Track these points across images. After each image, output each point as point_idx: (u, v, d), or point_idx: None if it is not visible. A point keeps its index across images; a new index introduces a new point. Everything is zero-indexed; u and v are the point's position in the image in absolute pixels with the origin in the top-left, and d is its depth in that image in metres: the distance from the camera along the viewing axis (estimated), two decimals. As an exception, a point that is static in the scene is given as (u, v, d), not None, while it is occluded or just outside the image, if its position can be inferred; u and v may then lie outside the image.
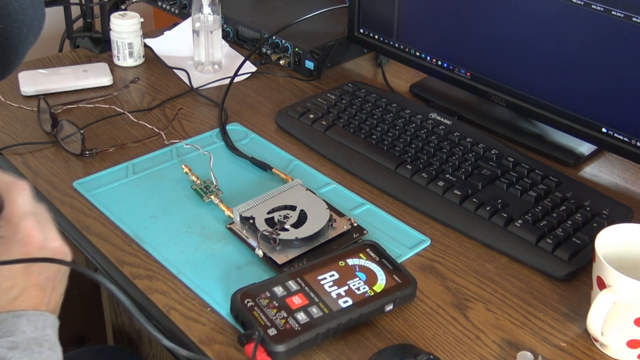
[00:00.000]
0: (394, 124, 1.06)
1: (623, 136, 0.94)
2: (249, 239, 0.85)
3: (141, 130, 1.08)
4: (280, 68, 1.29)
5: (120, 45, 1.25)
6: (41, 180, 0.97)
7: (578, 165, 1.05)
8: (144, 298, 0.79)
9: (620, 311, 0.71)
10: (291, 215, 0.87)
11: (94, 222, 0.89)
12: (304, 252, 0.83)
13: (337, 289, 0.76)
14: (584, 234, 0.86)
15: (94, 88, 1.19)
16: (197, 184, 0.95)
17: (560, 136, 1.06)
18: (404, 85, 1.25)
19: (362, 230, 0.88)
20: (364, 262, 0.79)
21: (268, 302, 0.73)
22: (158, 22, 1.87)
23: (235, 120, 1.12)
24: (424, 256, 0.86)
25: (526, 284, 0.83)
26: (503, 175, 0.96)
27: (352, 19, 1.23)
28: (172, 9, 1.46)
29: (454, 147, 1.01)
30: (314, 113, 1.09)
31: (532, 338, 0.76)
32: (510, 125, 1.11)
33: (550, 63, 0.99)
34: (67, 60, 1.28)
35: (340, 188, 0.97)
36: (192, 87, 1.21)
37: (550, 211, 0.90)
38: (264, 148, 1.05)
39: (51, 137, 1.04)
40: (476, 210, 0.90)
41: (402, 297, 0.77)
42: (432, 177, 0.95)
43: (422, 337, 0.75)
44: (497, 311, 0.79)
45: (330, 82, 1.25)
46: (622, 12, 0.89)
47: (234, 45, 1.36)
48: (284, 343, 0.69)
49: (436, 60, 1.14)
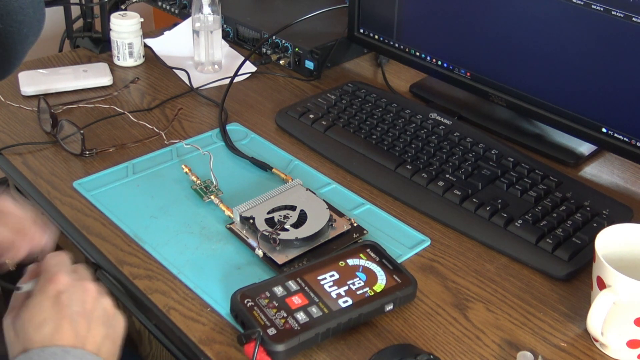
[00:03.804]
0: (394, 124, 1.06)
1: (623, 136, 0.94)
2: (249, 239, 0.85)
3: (141, 130, 1.08)
4: (280, 68, 1.29)
5: (120, 45, 1.25)
6: (41, 180, 0.97)
7: (578, 165, 1.04)
8: (144, 298, 0.79)
9: (620, 311, 0.71)
10: (291, 215, 0.87)
11: (94, 222, 0.89)
12: (304, 252, 0.83)
13: (337, 289, 0.76)
14: (584, 234, 0.86)
15: (94, 88, 1.19)
16: (197, 184, 0.95)
17: (560, 136, 1.06)
18: (404, 85, 1.25)
19: (362, 230, 0.88)
20: (364, 262, 0.79)
21: (268, 302, 0.73)
22: (158, 22, 1.87)
23: (235, 120, 1.12)
24: (424, 256, 0.86)
25: (526, 284, 0.83)
26: (503, 175, 0.96)
27: (352, 19, 1.23)
28: (172, 9, 1.46)
29: (454, 147, 1.01)
30: (314, 113, 1.09)
31: (532, 338, 0.76)
32: (510, 125, 1.11)
33: (550, 63, 0.99)
34: (67, 60, 1.28)
35: (340, 188, 0.97)
36: (192, 87, 1.21)
37: (550, 211, 0.90)
38: (264, 148, 1.05)
39: (51, 137, 1.04)
40: (476, 210, 0.90)
41: (402, 297, 0.77)
42: (432, 177, 0.95)
43: (422, 337, 0.75)
44: (497, 311, 0.79)
45: (330, 82, 1.25)
46: (622, 12, 0.89)
47: (234, 45, 1.36)
48: (284, 343, 0.69)
49: (436, 60, 1.14)
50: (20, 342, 0.65)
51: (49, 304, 0.66)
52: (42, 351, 0.64)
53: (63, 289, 0.68)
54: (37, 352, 0.63)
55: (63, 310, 0.66)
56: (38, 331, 0.65)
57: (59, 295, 0.67)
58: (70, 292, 0.68)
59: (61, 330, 0.65)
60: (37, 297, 0.67)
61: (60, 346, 0.64)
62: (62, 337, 0.65)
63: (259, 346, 0.69)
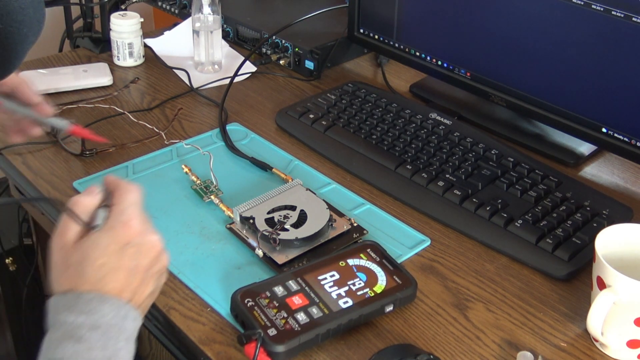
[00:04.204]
0: (394, 124, 1.06)
1: (623, 136, 0.94)
2: (249, 239, 0.85)
3: (141, 130, 1.08)
4: (280, 68, 1.29)
5: (120, 45, 1.25)
6: (41, 180, 0.97)
7: (578, 165, 1.04)
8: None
9: (620, 311, 0.71)
10: (291, 215, 0.87)
11: (94, 222, 0.89)
12: (304, 252, 0.83)
13: (338, 289, 0.76)
14: (584, 234, 0.86)
15: (94, 88, 1.19)
16: (197, 184, 0.95)
17: (560, 136, 1.06)
18: (404, 85, 1.25)
19: (362, 230, 0.88)
20: (364, 263, 0.79)
21: (268, 302, 0.73)
22: (158, 22, 1.87)
23: (235, 120, 1.12)
24: (424, 256, 0.86)
25: (526, 284, 0.83)
26: (503, 175, 0.96)
27: (352, 19, 1.23)
28: (172, 9, 1.46)
29: (454, 147, 1.01)
30: (314, 113, 1.09)
31: (532, 338, 0.76)
32: (510, 125, 1.11)
33: (550, 63, 0.99)
34: (67, 60, 1.28)
35: (340, 188, 0.97)
36: (192, 87, 1.21)
37: (550, 211, 0.90)
38: (264, 148, 1.05)
39: (51, 137, 1.04)
40: (476, 210, 0.90)
41: (402, 298, 0.77)
42: (432, 177, 0.95)
43: (422, 337, 0.75)
44: (497, 311, 0.79)
45: (330, 82, 1.25)
46: (622, 12, 0.89)
47: (234, 45, 1.36)
48: (284, 343, 0.69)
49: (436, 60, 1.14)
50: (70, 275, 0.65)
51: (114, 249, 0.66)
52: (79, 297, 0.64)
53: (133, 239, 0.67)
54: (73, 296, 0.64)
55: (125, 261, 0.66)
56: (94, 272, 0.65)
57: (127, 244, 0.66)
58: (139, 244, 0.67)
59: (115, 278, 0.65)
60: (105, 238, 0.66)
61: (103, 293, 0.64)
62: (113, 285, 0.65)
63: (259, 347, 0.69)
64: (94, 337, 0.62)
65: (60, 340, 0.62)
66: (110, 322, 0.63)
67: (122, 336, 0.64)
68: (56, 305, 0.64)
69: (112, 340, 0.63)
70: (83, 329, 0.62)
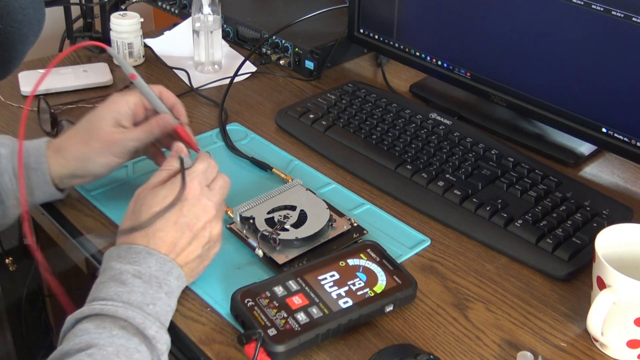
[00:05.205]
0: (394, 124, 1.06)
1: (623, 136, 0.94)
2: (249, 239, 0.85)
3: (141, 130, 1.08)
4: (280, 68, 1.29)
5: (120, 45, 1.25)
6: (41, 180, 0.96)
7: (578, 165, 1.05)
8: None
9: (620, 311, 0.71)
10: (291, 215, 0.87)
11: (94, 222, 0.89)
12: (304, 252, 0.83)
13: (338, 289, 0.76)
14: (584, 234, 0.86)
15: (94, 88, 1.19)
16: (197, 184, 0.94)
17: (560, 136, 1.06)
18: (404, 85, 1.25)
19: (362, 230, 0.88)
20: (364, 263, 0.79)
21: (268, 302, 0.73)
22: (158, 22, 1.87)
23: (235, 120, 1.12)
24: (424, 256, 0.86)
25: (526, 284, 0.83)
26: (503, 175, 0.96)
27: (352, 19, 1.23)
28: (172, 9, 1.46)
29: (454, 147, 1.01)
30: (314, 113, 1.09)
31: (532, 338, 0.76)
32: (510, 125, 1.11)
33: (550, 63, 0.99)
34: (67, 60, 1.28)
35: (340, 188, 0.97)
36: (192, 87, 1.21)
37: (550, 211, 0.90)
38: (264, 148, 1.05)
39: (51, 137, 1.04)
40: (476, 210, 0.90)
41: (402, 299, 0.76)
42: (432, 177, 0.95)
43: (422, 337, 0.75)
44: (497, 311, 0.79)
45: (330, 82, 1.25)
46: (622, 12, 0.89)
47: (234, 45, 1.36)
48: (284, 343, 0.69)
49: (436, 60, 1.14)
50: (128, 216, 0.74)
51: (170, 201, 0.72)
52: (130, 248, 0.71)
53: (189, 198, 0.73)
54: (125, 248, 0.71)
55: (176, 217, 0.72)
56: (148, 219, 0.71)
57: (182, 202, 0.73)
58: (192, 204, 0.73)
59: (164, 232, 0.71)
60: (165, 192, 0.73)
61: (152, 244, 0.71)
62: (162, 240, 0.71)
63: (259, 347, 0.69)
64: (136, 282, 0.68)
65: (106, 282, 0.68)
66: (153, 274, 0.69)
67: (163, 289, 0.69)
68: (110, 254, 0.71)
69: (152, 289, 0.69)
70: (127, 274, 0.68)
